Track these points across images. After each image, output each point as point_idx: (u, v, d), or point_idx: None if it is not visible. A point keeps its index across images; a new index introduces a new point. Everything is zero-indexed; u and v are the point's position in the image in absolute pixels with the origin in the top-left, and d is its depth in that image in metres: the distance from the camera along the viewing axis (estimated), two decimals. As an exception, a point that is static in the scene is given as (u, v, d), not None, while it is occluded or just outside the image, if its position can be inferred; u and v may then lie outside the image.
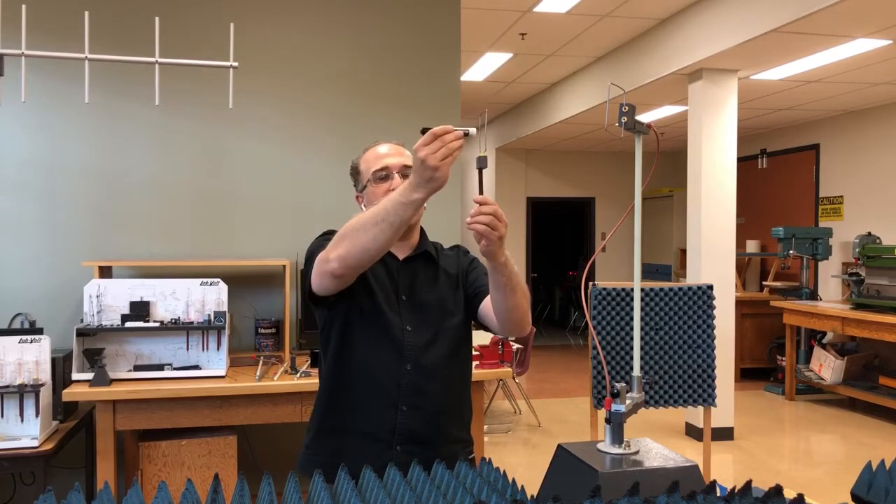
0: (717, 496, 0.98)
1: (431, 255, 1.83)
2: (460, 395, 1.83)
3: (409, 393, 1.72)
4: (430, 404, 1.73)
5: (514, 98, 8.48)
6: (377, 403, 1.72)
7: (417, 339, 1.74)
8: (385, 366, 1.73)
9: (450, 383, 1.77)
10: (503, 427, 5.83)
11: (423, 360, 1.73)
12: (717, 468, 4.77)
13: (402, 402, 1.71)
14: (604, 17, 5.40)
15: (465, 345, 1.84)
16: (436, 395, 1.74)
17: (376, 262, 1.72)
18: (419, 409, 1.72)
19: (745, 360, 7.53)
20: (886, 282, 5.97)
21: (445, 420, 1.77)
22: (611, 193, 10.64)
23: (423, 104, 3.92)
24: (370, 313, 1.75)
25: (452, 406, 1.79)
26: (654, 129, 1.83)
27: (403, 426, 1.71)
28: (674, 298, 3.51)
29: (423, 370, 1.73)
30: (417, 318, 1.76)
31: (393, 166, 1.76)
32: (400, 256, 1.82)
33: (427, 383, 1.73)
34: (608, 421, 1.53)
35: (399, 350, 1.73)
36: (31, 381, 2.94)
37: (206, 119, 3.68)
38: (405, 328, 1.74)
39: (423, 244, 1.85)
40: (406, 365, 1.72)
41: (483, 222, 1.43)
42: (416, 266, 1.81)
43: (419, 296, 1.78)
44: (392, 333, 1.73)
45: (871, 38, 4.74)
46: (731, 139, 5.51)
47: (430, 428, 1.72)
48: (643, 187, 1.83)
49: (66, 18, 3.47)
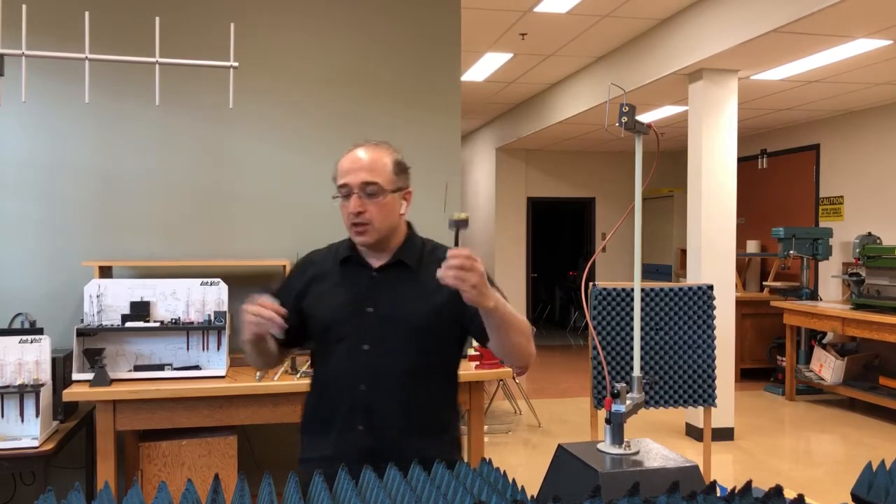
0: (717, 496, 0.98)
1: (407, 265, 1.76)
2: (427, 413, 1.73)
3: (364, 412, 1.67)
4: (387, 424, 1.67)
5: (514, 98, 8.48)
6: (335, 423, 1.70)
7: (375, 355, 1.68)
8: (340, 384, 1.70)
9: (412, 402, 1.69)
10: (503, 427, 5.83)
11: (379, 378, 1.68)
12: (717, 468, 4.77)
13: (357, 423, 1.67)
14: (604, 17, 5.40)
15: (436, 361, 1.75)
16: (393, 414, 1.68)
17: (349, 268, 1.76)
18: (376, 430, 1.67)
19: (746, 360, 7.52)
20: (886, 282, 5.97)
21: (409, 439, 1.67)
22: (611, 193, 10.64)
23: (423, 104, 3.92)
24: (327, 329, 1.73)
25: (416, 424, 1.70)
26: (655, 130, 1.83)
27: (362, 446, 1.65)
28: (674, 298, 3.50)
29: (380, 389, 1.67)
30: (381, 332, 1.69)
31: (352, 185, 1.69)
32: (375, 265, 1.77)
33: (383, 402, 1.67)
34: (608, 421, 1.53)
35: (355, 368, 1.69)
36: (32, 381, 2.94)
37: (206, 119, 3.68)
38: (362, 346, 1.69)
39: (401, 252, 1.77)
40: (360, 385, 1.68)
41: (451, 276, 1.44)
42: (390, 275, 1.75)
43: (387, 309, 1.72)
44: (348, 350, 1.70)
45: (871, 38, 4.73)
46: (732, 139, 5.51)
47: (392, 447, 1.62)
48: (643, 187, 1.83)
49: (66, 18, 3.47)
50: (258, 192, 3.74)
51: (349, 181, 1.70)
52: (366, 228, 1.69)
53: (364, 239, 1.71)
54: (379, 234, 1.71)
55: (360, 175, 1.70)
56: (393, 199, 1.73)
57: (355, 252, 1.78)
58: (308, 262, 1.86)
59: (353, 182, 1.69)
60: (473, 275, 1.45)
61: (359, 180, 1.69)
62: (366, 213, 1.68)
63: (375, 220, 1.69)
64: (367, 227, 1.69)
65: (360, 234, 1.70)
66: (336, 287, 1.76)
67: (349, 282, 1.75)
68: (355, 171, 1.71)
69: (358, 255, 1.78)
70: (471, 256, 1.45)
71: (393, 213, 1.73)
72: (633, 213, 1.85)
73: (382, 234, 1.72)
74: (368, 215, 1.69)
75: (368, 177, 1.69)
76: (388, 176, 1.73)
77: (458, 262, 1.44)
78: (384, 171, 1.72)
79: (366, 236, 1.70)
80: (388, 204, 1.71)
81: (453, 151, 3.96)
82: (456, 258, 1.44)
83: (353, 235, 1.73)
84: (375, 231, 1.70)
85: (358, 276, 1.76)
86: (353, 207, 1.68)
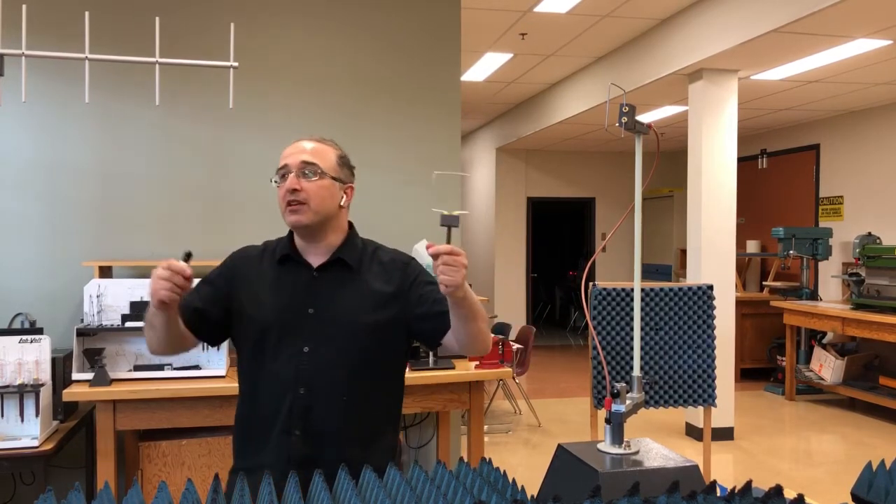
0: (717, 496, 0.98)
1: (348, 264, 1.70)
2: (368, 418, 1.68)
3: (303, 417, 1.61)
4: (326, 430, 1.61)
5: (514, 98, 8.48)
6: (272, 428, 1.63)
7: (315, 359, 1.63)
8: (278, 388, 1.63)
9: (352, 407, 1.64)
10: (503, 427, 5.83)
11: (319, 382, 1.62)
12: (717, 468, 4.77)
13: (294, 427, 1.61)
14: (604, 17, 5.40)
15: (379, 364, 1.69)
16: (333, 420, 1.62)
17: (288, 267, 1.70)
18: (314, 436, 1.61)
19: (746, 360, 7.52)
20: (886, 282, 5.97)
21: (348, 446, 1.62)
22: (611, 193, 10.64)
23: (423, 104, 3.92)
24: (265, 330, 1.65)
25: (356, 431, 1.64)
26: (655, 130, 1.83)
27: (298, 453, 1.60)
28: (674, 298, 3.51)
29: (319, 393, 1.62)
30: (322, 335, 1.64)
31: (291, 165, 1.66)
32: (314, 263, 1.70)
33: (322, 408, 1.61)
34: (608, 421, 1.53)
35: (294, 371, 1.62)
36: (32, 381, 2.94)
37: (206, 119, 3.68)
38: (303, 348, 1.63)
39: (341, 250, 1.71)
40: (300, 388, 1.62)
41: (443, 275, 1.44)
42: (331, 275, 1.69)
43: (329, 310, 1.66)
44: (288, 352, 1.63)
45: (871, 38, 4.74)
46: (732, 139, 5.51)
47: (329, 455, 1.56)
48: (643, 187, 1.83)
49: (66, 18, 3.47)
50: (258, 191, 3.74)
51: (288, 162, 1.67)
52: (300, 207, 1.63)
53: (298, 218, 1.63)
54: (315, 216, 1.64)
55: (300, 156, 1.67)
56: (332, 184, 1.68)
57: (294, 250, 1.72)
58: (242, 258, 1.78)
59: (293, 162, 1.66)
60: (459, 272, 1.45)
61: (298, 160, 1.66)
62: (302, 192, 1.63)
63: (312, 199, 1.64)
64: (303, 207, 1.63)
65: (295, 213, 1.63)
66: (273, 287, 1.69)
67: (288, 281, 1.69)
68: (296, 153, 1.68)
69: (296, 253, 1.72)
70: (454, 251, 1.44)
71: (331, 198, 1.67)
72: (633, 213, 1.85)
73: (319, 217, 1.65)
74: (305, 194, 1.63)
75: (309, 158, 1.66)
76: (330, 163, 1.69)
77: (441, 260, 1.43)
78: (326, 158, 1.69)
79: (300, 215, 1.63)
80: (327, 188, 1.66)
81: (453, 151, 3.96)
82: (442, 257, 1.43)
83: (286, 216, 1.66)
84: (311, 212, 1.64)
85: (297, 276, 1.69)
86: (289, 184, 1.63)
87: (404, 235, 3.78)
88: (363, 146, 3.82)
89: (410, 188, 3.87)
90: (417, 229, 3.79)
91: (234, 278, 1.73)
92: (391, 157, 3.85)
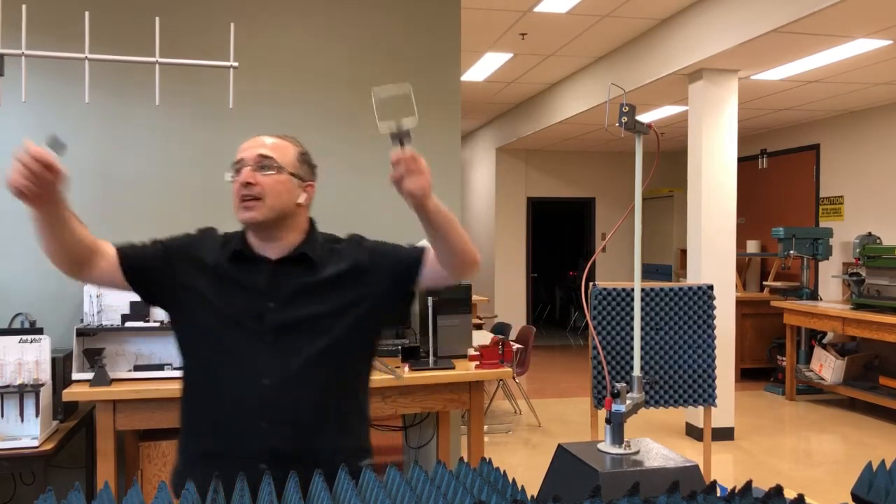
0: (717, 496, 0.98)
1: (311, 259, 1.62)
2: (338, 406, 1.62)
3: (269, 409, 1.54)
4: (294, 420, 1.55)
5: (514, 98, 8.48)
6: (233, 422, 1.55)
7: (279, 350, 1.56)
8: (239, 379, 1.56)
9: (320, 395, 1.58)
10: (503, 427, 5.83)
11: (285, 372, 1.55)
12: (717, 468, 4.77)
13: (261, 420, 1.54)
14: (604, 17, 5.40)
15: (345, 353, 1.62)
16: (300, 410, 1.56)
17: (244, 263, 1.61)
18: (282, 426, 1.54)
19: (746, 360, 7.52)
20: (887, 282, 5.97)
21: (318, 435, 1.57)
22: (611, 193, 10.64)
23: (423, 104, 3.90)
24: (221, 320, 1.57)
25: (326, 419, 1.59)
26: (655, 130, 1.83)
27: (266, 445, 1.52)
28: (674, 298, 3.50)
29: (285, 384, 1.55)
30: (283, 326, 1.57)
31: (247, 158, 1.57)
32: (273, 257, 1.62)
33: (289, 398, 1.55)
34: (608, 421, 1.53)
35: (256, 362, 1.55)
36: (31, 381, 2.94)
37: (206, 119, 3.68)
38: (265, 338, 1.56)
39: (303, 245, 1.63)
40: (264, 379, 1.54)
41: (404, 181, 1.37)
42: (292, 269, 1.61)
43: (290, 303, 1.59)
44: (249, 344, 1.56)
45: (871, 38, 4.73)
46: (732, 139, 5.51)
47: (299, 445, 1.53)
48: (643, 187, 1.83)
49: (66, 18, 3.47)
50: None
51: (244, 155, 1.59)
52: (255, 204, 1.54)
53: (252, 215, 1.55)
54: (270, 213, 1.56)
55: (257, 150, 1.58)
56: (290, 180, 1.59)
57: (247, 246, 1.63)
58: (207, 240, 1.69)
59: (249, 156, 1.58)
60: (423, 177, 1.39)
61: (255, 153, 1.58)
62: (257, 187, 1.55)
63: (268, 195, 1.55)
64: (257, 203, 1.54)
65: (248, 210, 1.55)
66: (230, 281, 1.60)
67: (245, 275, 1.60)
68: (253, 147, 1.60)
69: (250, 249, 1.63)
70: (414, 156, 1.37)
71: (288, 194, 1.59)
72: (633, 213, 1.85)
73: (274, 213, 1.56)
74: (260, 189, 1.55)
75: (266, 152, 1.58)
76: (289, 159, 1.61)
77: (406, 163, 1.37)
78: (285, 154, 1.61)
79: (254, 212, 1.54)
80: (284, 183, 1.58)
81: (453, 151, 3.96)
82: (402, 160, 1.37)
83: (239, 213, 1.57)
84: (266, 208, 1.55)
85: (255, 270, 1.61)
86: (243, 177, 1.55)
87: (404, 235, 3.78)
88: (363, 146, 3.82)
89: (410, 188, 3.86)
90: (417, 229, 3.79)
91: (193, 254, 1.64)
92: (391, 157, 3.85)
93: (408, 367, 3.19)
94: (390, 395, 3.11)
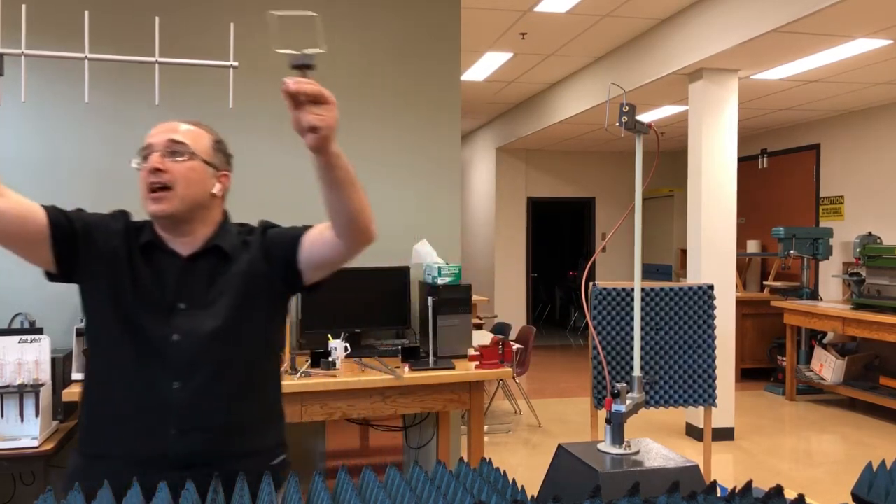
0: (717, 496, 0.98)
1: (225, 252, 1.53)
2: (251, 407, 1.54)
3: (178, 414, 1.44)
4: (204, 425, 1.46)
5: (514, 98, 8.48)
6: (139, 425, 1.45)
7: (189, 351, 1.46)
8: (145, 381, 1.45)
9: (232, 397, 1.50)
10: (503, 427, 5.83)
11: (195, 375, 1.46)
12: (717, 468, 4.77)
13: (171, 425, 1.44)
14: (604, 17, 5.40)
15: (254, 352, 1.55)
16: (213, 412, 1.47)
17: (154, 256, 1.50)
18: (194, 431, 1.45)
19: (746, 360, 7.52)
20: (887, 282, 5.96)
21: (230, 437, 1.49)
22: (611, 193, 10.64)
23: (423, 104, 3.92)
24: (128, 320, 1.46)
25: (238, 420, 1.51)
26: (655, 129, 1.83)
27: (176, 450, 1.43)
28: (674, 298, 3.50)
29: (197, 387, 1.46)
30: (194, 327, 1.47)
31: (156, 144, 1.46)
32: (184, 253, 1.52)
33: (201, 401, 1.46)
34: (608, 421, 1.53)
35: (163, 365, 1.45)
36: (31, 381, 2.94)
37: (206, 119, 3.66)
38: (172, 338, 1.45)
39: (216, 237, 1.54)
40: (173, 383, 1.45)
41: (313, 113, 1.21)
42: (204, 265, 1.51)
43: (201, 303, 1.48)
44: (157, 345, 1.45)
45: (871, 38, 4.73)
46: (732, 139, 5.51)
47: (212, 448, 1.46)
48: (643, 187, 1.84)
49: (66, 18, 3.47)
50: (257, 192, 3.74)
51: (153, 141, 1.47)
52: (165, 194, 1.44)
53: (161, 207, 1.44)
54: (181, 204, 1.45)
55: (167, 135, 1.47)
56: (203, 169, 1.50)
57: (157, 238, 1.52)
58: (120, 226, 1.56)
59: (158, 141, 1.46)
60: (329, 111, 1.24)
61: (165, 139, 1.46)
62: (167, 174, 1.44)
63: (179, 184, 1.45)
64: (167, 194, 1.44)
65: (157, 202, 1.44)
66: (139, 277, 1.48)
67: (154, 272, 1.49)
68: (163, 132, 1.48)
69: (161, 242, 1.52)
70: (319, 88, 1.23)
71: (202, 184, 1.49)
72: (634, 212, 1.85)
73: (185, 205, 1.46)
74: (170, 176, 1.44)
75: (178, 137, 1.47)
76: (202, 146, 1.51)
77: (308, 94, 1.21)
78: (199, 140, 1.51)
79: (163, 204, 1.44)
80: (197, 171, 1.48)
81: (453, 151, 3.96)
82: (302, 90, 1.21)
83: (148, 205, 1.46)
84: (177, 199, 1.45)
85: (165, 266, 1.50)
86: (152, 163, 1.43)
87: (404, 235, 3.78)
88: (363, 146, 3.82)
89: (410, 188, 3.87)
90: (417, 229, 3.80)
91: (101, 244, 1.52)
92: (391, 156, 3.85)
93: (408, 367, 3.19)
94: (390, 395, 3.12)
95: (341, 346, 3.25)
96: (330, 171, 1.35)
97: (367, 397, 3.10)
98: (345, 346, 3.28)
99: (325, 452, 3.84)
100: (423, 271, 3.61)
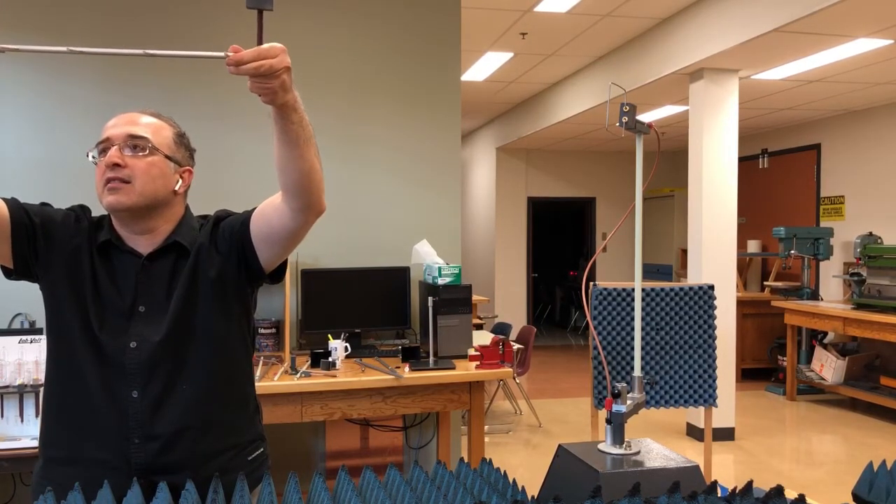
0: (717, 497, 0.98)
1: (185, 248, 1.47)
2: (222, 406, 1.49)
3: (140, 423, 1.39)
4: (169, 430, 1.40)
5: (514, 98, 8.48)
6: (100, 435, 1.39)
7: (147, 356, 1.40)
8: (107, 390, 1.39)
9: (198, 396, 1.44)
10: (504, 427, 5.82)
11: (153, 382, 1.40)
12: (718, 468, 4.76)
13: (133, 434, 1.38)
14: (604, 17, 5.40)
15: (223, 349, 1.49)
16: (175, 418, 1.41)
17: (112, 255, 1.44)
18: (155, 439, 1.39)
19: (746, 360, 7.52)
20: (888, 282, 5.96)
21: (198, 437, 1.43)
22: (611, 193, 10.64)
23: (423, 104, 3.92)
24: (87, 327, 1.40)
25: (207, 419, 1.45)
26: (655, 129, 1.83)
27: (139, 458, 1.38)
28: (675, 298, 3.50)
29: (156, 395, 1.40)
30: (153, 330, 1.41)
31: (114, 137, 1.40)
32: (143, 252, 1.45)
33: (161, 408, 1.40)
34: (609, 421, 1.53)
35: (122, 372, 1.39)
36: (31, 381, 2.94)
37: (204, 119, 3.68)
38: (129, 345, 1.40)
39: (175, 233, 1.48)
40: (132, 391, 1.39)
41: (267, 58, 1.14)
42: (164, 264, 1.45)
43: (162, 305, 1.42)
44: (114, 354, 1.39)
45: (872, 38, 4.73)
46: (732, 139, 5.51)
47: (179, 451, 1.41)
48: (644, 187, 1.83)
49: (66, 18, 3.47)
50: (257, 191, 3.73)
51: (112, 134, 1.40)
52: (122, 186, 1.37)
53: (118, 198, 1.37)
54: (139, 199, 1.39)
55: (127, 128, 1.41)
56: (165, 164, 1.44)
57: (115, 236, 1.46)
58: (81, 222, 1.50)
59: (117, 134, 1.40)
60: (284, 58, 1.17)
61: (124, 132, 1.40)
62: (126, 169, 1.38)
63: (138, 178, 1.38)
64: (125, 186, 1.38)
65: (114, 192, 1.37)
66: (97, 278, 1.43)
67: (112, 272, 1.43)
68: (123, 124, 1.42)
69: (119, 240, 1.46)
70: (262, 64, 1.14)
71: (163, 179, 1.43)
72: (634, 212, 1.85)
73: (144, 200, 1.40)
74: (129, 171, 1.38)
75: (138, 131, 1.41)
76: (164, 140, 1.45)
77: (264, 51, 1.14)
78: (160, 134, 1.45)
79: (120, 195, 1.37)
80: (158, 165, 1.42)
81: (453, 151, 3.96)
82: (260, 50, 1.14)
83: (104, 197, 1.39)
84: (136, 193, 1.38)
85: (123, 267, 1.44)
86: (109, 158, 1.37)
87: (404, 235, 3.78)
88: (363, 146, 3.82)
89: (410, 188, 3.86)
90: (417, 229, 3.79)
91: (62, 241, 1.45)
92: (391, 156, 3.85)
93: (408, 367, 3.19)
94: (390, 395, 3.11)
95: (341, 346, 3.25)
96: (285, 124, 1.28)
97: (367, 397, 3.09)
98: (345, 346, 3.27)
99: (325, 452, 3.84)
100: (424, 271, 3.61)
